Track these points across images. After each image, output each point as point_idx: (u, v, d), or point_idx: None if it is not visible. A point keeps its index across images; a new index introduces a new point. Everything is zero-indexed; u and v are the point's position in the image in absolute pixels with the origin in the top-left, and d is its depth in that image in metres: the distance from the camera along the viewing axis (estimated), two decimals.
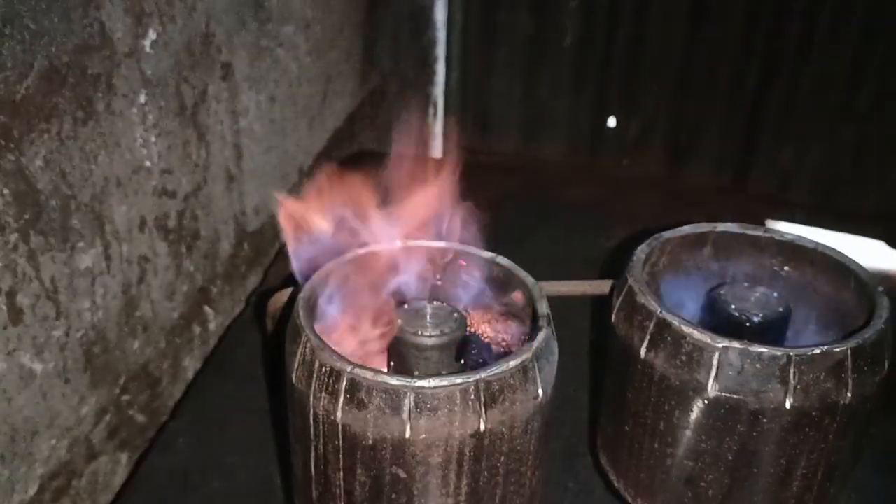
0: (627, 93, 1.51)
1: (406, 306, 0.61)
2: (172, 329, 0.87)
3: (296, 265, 0.64)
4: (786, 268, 0.69)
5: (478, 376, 0.53)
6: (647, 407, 0.62)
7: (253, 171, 0.99)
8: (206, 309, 0.94)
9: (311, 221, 0.65)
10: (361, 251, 0.64)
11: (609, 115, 1.54)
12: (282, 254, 1.07)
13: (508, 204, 1.17)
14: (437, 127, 1.61)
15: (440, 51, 1.56)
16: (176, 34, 0.79)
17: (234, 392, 0.83)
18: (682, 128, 1.52)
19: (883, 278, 1.29)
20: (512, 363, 0.54)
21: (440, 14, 1.53)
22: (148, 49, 0.76)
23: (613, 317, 0.65)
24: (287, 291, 0.70)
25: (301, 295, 0.59)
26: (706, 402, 0.58)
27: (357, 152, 1.27)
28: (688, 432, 0.60)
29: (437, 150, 1.60)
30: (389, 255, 0.65)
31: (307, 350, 0.55)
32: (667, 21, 1.44)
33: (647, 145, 1.54)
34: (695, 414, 0.59)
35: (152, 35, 0.76)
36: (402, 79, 1.46)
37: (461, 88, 1.59)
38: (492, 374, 0.53)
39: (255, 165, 1.00)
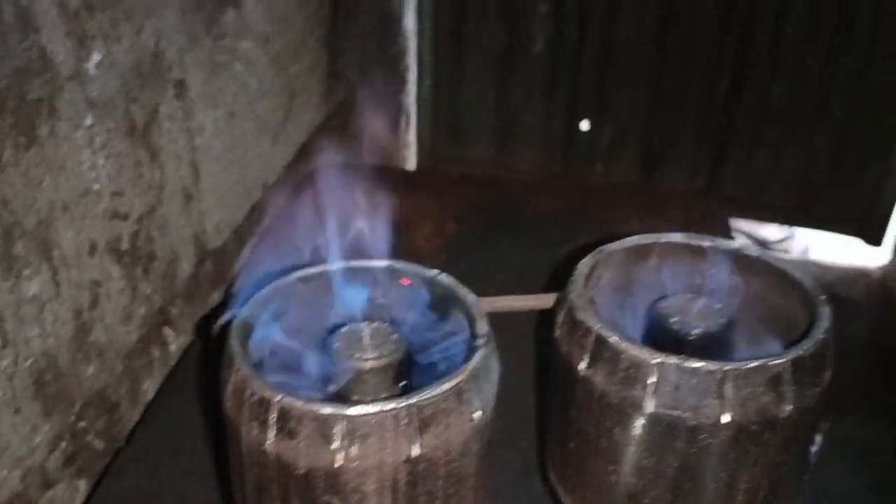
0: (600, 99, 1.51)
1: (344, 328, 0.60)
2: (130, 353, 0.87)
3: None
4: (732, 278, 0.68)
5: (409, 401, 0.53)
6: (590, 424, 0.61)
7: (213, 188, 0.99)
8: (166, 330, 0.93)
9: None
10: (301, 273, 0.64)
11: (581, 121, 1.53)
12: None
13: (476, 215, 1.16)
14: (410, 136, 1.60)
15: (411, 60, 1.55)
16: (122, 55, 0.79)
17: (189, 415, 0.83)
18: (656, 133, 1.51)
19: (862, 274, 1.28)
20: (445, 386, 0.54)
21: (410, 23, 1.52)
22: (92, 71, 0.75)
23: (556, 332, 0.64)
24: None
25: (234, 322, 0.58)
26: (645, 418, 0.58)
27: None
28: (630, 449, 0.60)
29: (409, 160, 1.59)
30: (330, 275, 0.64)
31: (238, 379, 0.54)
32: (638, 26, 1.43)
33: (621, 151, 1.54)
34: (635, 431, 0.59)
35: (96, 57, 0.75)
36: (372, 89, 1.46)
37: (433, 97, 1.58)
38: (423, 398, 0.53)
39: (215, 182, 0.99)
